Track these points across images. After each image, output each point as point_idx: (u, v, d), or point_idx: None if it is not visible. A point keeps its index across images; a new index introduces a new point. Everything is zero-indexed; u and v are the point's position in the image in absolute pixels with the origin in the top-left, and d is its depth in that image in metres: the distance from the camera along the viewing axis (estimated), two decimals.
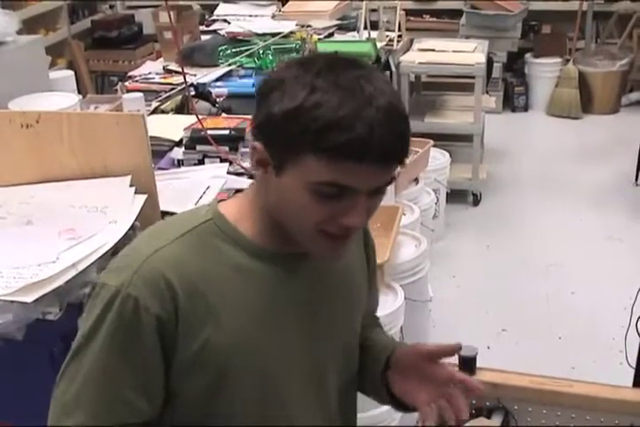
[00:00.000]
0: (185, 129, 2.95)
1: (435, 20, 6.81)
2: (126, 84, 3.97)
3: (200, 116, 2.91)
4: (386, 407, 2.74)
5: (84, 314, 1.32)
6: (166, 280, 1.25)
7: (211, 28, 4.87)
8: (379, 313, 2.76)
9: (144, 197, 2.15)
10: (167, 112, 3.50)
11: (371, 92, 1.20)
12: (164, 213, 2.22)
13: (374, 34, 4.71)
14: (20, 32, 3.35)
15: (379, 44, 4.50)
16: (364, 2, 4.69)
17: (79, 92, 3.58)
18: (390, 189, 3.44)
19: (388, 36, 4.80)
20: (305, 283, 1.37)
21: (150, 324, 1.25)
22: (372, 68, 1.30)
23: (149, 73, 4.13)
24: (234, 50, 4.20)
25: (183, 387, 1.30)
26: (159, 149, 2.89)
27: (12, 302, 1.85)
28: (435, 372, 1.42)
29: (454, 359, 1.44)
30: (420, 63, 4.86)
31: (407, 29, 5.13)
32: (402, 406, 1.48)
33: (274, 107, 1.22)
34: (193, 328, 1.26)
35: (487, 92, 5.44)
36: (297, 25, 4.68)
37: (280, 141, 1.22)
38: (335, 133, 1.17)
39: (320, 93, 1.18)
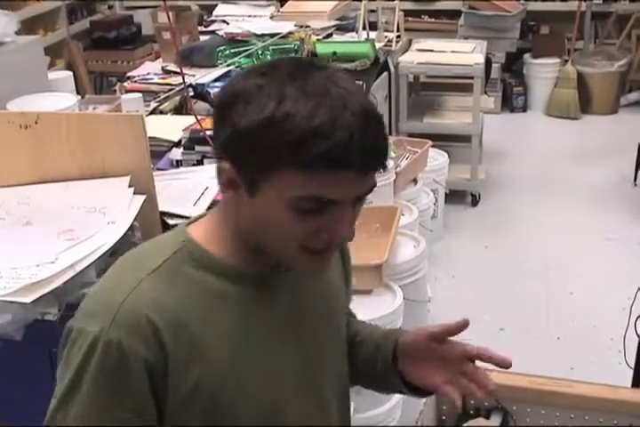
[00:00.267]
0: (184, 130, 2.95)
1: (433, 20, 6.81)
2: (125, 84, 3.97)
3: (199, 117, 2.90)
4: (385, 407, 2.74)
5: (62, 363, 1.23)
6: (148, 319, 1.18)
7: (209, 28, 4.87)
8: (378, 314, 2.77)
9: (143, 197, 2.15)
10: (166, 113, 3.50)
11: (341, 95, 1.13)
12: (163, 214, 2.22)
13: (373, 34, 4.71)
14: (18, 32, 3.35)
15: (377, 45, 4.50)
16: (363, 2, 4.69)
17: (78, 93, 3.58)
18: (389, 189, 3.45)
19: (386, 36, 4.80)
20: (285, 300, 1.32)
21: (138, 367, 1.17)
22: (335, 68, 1.22)
23: (148, 73, 4.13)
24: (232, 50, 4.20)
25: (179, 418, 1.24)
26: (158, 150, 2.88)
27: (10, 302, 1.85)
28: (446, 352, 1.39)
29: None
30: (418, 64, 4.86)
31: (406, 30, 5.13)
32: (418, 391, 1.45)
33: (239, 121, 1.13)
34: (181, 364, 1.20)
35: (486, 93, 5.44)
36: (295, 25, 4.68)
37: (252, 158, 1.14)
38: (314, 144, 1.10)
39: (290, 102, 1.11)
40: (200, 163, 2.84)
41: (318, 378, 1.38)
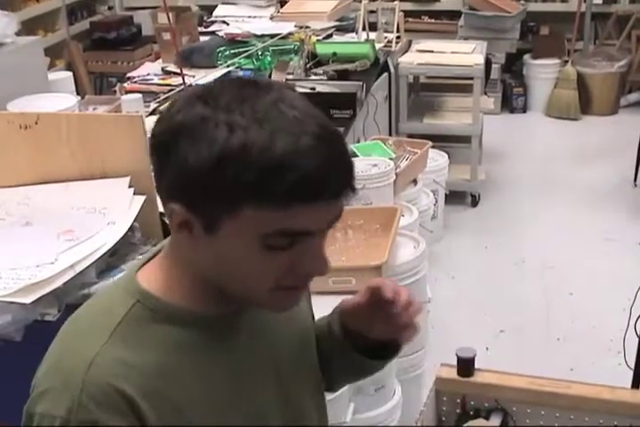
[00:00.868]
0: None
1: (433, 21, 6.81)
2: (125, 85, 3.97)
3: None
4: (385, 408, 2.74)
5: None
6: (119, 391, 1.05)
7: (209, 29, 4.87)
8: None
9: (143, 198, 2.15)
10: None
11: (297, 118, 1.02)
12: (163, 214, 2.22)
13: (373, 35, 4.71)
14: (18, 33, 3.36)
15: (377, 46, 4.50)
16: (363, 3, 4.69)
17: (78, 94, 3.59)
18: (389, 190, 3.45)
19: (386, 37, 4.80)
20: (248, 332, 1.22)
21: None
22: (281, 85, 1.11)
23: (148, 74, 4.14)
24: (232, 51, 4.20)
25: None
26: None
27: (10, 303, 1.85)
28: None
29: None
30: (418, 64, 4.86)
31: (406, 31, 5.13)
32: (384, 349, 1.37)
33: (186, 160, 1.01)
34: None
35: (486, 94, 5.44)
36: (295, 26, 4.68)
37: (207, 199, 1.02)
38: (279, 178, 0.98)
39: (241, 132, 0.99)
40: None
41: (301, 404, 1.31)
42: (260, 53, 4.17)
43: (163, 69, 4.17)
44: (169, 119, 1.06)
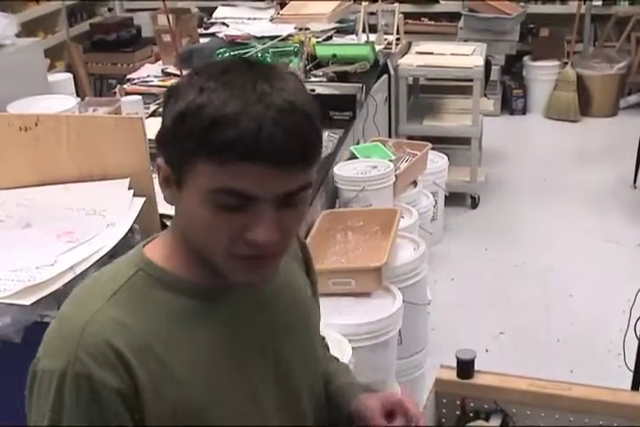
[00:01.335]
0: None
1: (433, 23, 6.81)
2: (125, 86, 3.97)
3: None
4: None
5: (33, 407, 1.19)
6: (113, 348, 1.13)
7: (209, 30, 4.88)
8: (377, 317, 2.76)
9: (142, 199, 2.15)
10: None
11: (264, 91, 1.09)
12: (163, 216, 2.22)
13: (373, 37, 4.71)
14: (18, 35, 3.36)
15: (377, 48, 4.51)
16: (363, 5, 4.69)
17: (78, 95, 3.59)
18: (389, 192, 3.45)
19: (386, 39, 4.81)
20: (254, 315, 1.28)
21: (112, 399, 1.13)
22: (282, 68, 1.19)
23: (148, 76, 4.14)
24: (232, 53, 4.19)
25: None
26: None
27: (10, 304, 1.85)
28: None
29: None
30: (418, 66, 4.86)
31: (405, 32, 5.13)
32: None
33: (168, 115, 1.13)
34: (153, 390, 1.16)
35: (485, 95, 5.45)
36: (295, 28, 4.69)
37: (173, 150, 1.13)
38: (219, 131, 1.06)
39: (207, 93, 1.09)
40: None
41: (296, 388, 1.35)
42: (259, 55, 4.17)
43: (163, 71, 4.18)
44: (175, 82, 1.19)
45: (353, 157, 3.72)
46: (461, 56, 4.99)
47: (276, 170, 1.08)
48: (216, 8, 5.33)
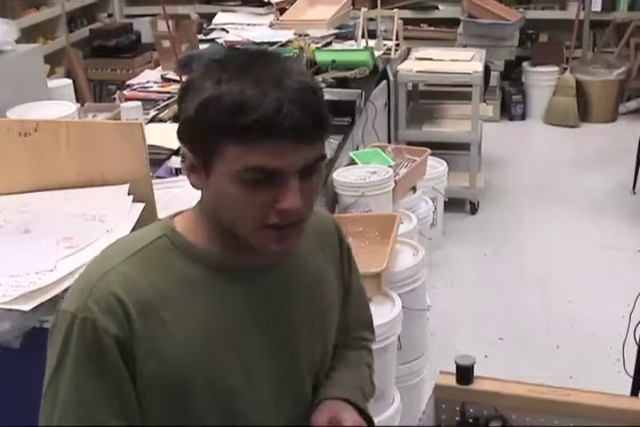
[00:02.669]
0: None
1: (432, 28, 6.83)
2: (124, 92, 3.98)
3: None
4: (383, 416, 2.74)
5: (50, 342, 1.31)
6: (118, 300, 1.25)
7: (209, 36, 4.88)
8: (377, 322, 2.74)
9: (142, 205, 2.15)
10: (165, 121, 3.51)
11: (279, 75, 1.20)
12: None
13: (372, 43, 4.72)
14: (18, 41, 3.36)
15: (376, 53, 4.51)
16: (362, 11, 4.70)
17: (77, 101, 3.59)
18: (388, 197, 3.45)
19: (385, 44, 4.81)
20: (264, 293, 1.36)
21: (111, 345, 1.25)
22: (288, 58, 1.34)
23: (147, 82, 4.14)
24: None
25: (150, 406, 1.29)
26: (157, 158, 2.89)
27: (9, 310, 1.85)
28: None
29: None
30: (417, 72, 4.87)
31: (405, 38, 5.14)
32: None
33: (186, 107, 1.23)
34: (147, 343, 1.26)
35: (485, 101, 5.45)
36: (295, 34, 4.70)
37: (199, 138, 1.23)
38: (243, 114, 1.17)
39: (226, 82, 1.19)
40: None
41: (297, 367, 1.41)
42: None
43: (162, 77, 4.18)
44: (189, 76, 1.28)
45: (352, 162, 3.72)
46: (461, 62, 5.00)
47: (296, 144, 1.19)
48: (216, 14, 5.34)
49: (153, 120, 3.53)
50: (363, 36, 4.68)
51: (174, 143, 2.97)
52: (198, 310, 1.30)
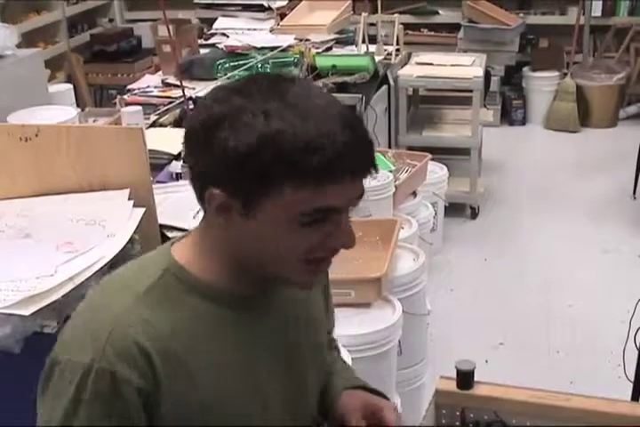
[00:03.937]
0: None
1: (433, 33, 6.84)
2: (125, 97, 3.98)
3: None
4: None
5: (49, 395, 1.20)
6: (140, 347, 1.16)
7: (209, 41, 4.89)
8: (377, 327, 2.76)
9: (142, 210, 2.15)
10: (166, 125, 3.51)
11: (321, 106, 1.14)
12: (162, 227, 2.22)
13: (372, 48, 4.73)
14: (19, 45, 3.38)
15: (377, 58, 4.52)
16: (363, 16, 4.71)
17: (78, 106, 3.60)
18: (388, 202, 3.45)
19: (386, 49, 4.82)
20: (270, 318, 1.32)
21: (133, 397, 1.16)
22: (301, 78, 1.30)
23: (148, 86, 4.15)
24: (232, 63, 4.21)
25: None
26: (158, 163, 2.89)
27: (9, 315, 1.85)
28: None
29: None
30: (418, 77, 4.87)
31: (405, 43, 5.15)
32: None
33: (227, 145, 1.11)
34: (172, 391, 1.19)
35: (485, 106, 5.45)
36: (295, 39, 4.70)
37: (247, 180, 1.12)
38: (312, 157, 1.09)
39: (276, 119, 1.10)
40: None
41: (301, 406, 1.40)
42: (259, 66, 4.18)
43: (163, 82, 4.19)
44: (206, 111, 1.16)
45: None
46: (461, 67, 5.00)
47: (358, 180, 1.17)
48: (216, 19, 5.35)
49: (153, 125, 3.53)
50: (363, 41, 4.69)
51: (175, 148, 2.99)
52: (218, 353, 1.24)
